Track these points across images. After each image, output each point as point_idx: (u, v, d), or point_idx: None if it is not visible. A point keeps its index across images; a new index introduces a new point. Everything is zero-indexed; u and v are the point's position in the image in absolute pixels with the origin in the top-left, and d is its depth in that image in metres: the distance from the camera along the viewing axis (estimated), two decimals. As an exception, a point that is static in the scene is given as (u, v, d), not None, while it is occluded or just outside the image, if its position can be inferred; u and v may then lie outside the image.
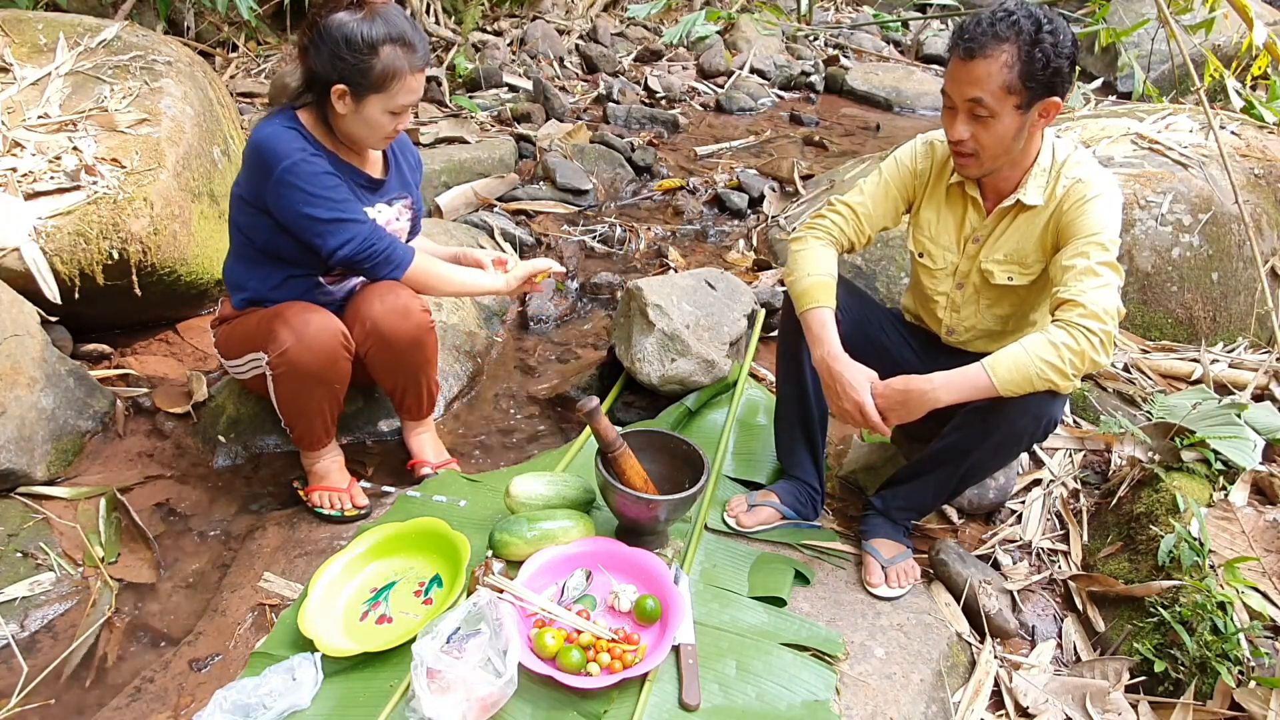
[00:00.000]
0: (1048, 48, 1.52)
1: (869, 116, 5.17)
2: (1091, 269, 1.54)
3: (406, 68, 1.71)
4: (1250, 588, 1.67)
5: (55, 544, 1.87)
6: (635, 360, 2.31)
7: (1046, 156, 1.69)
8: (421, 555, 1.79)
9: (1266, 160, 3.01)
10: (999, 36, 1.53)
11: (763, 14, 6.32)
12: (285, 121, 1.77)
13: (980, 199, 1.76)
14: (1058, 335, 1.51)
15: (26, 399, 2.00)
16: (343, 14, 1.68)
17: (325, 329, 1.82)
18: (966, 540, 2.02)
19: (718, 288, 2.51)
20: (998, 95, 1.55)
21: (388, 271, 1.86)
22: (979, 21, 1.55)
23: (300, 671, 1.52)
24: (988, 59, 1.53)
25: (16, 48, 2.60)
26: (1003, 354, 1.54)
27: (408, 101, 1.75)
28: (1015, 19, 1.53)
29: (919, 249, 1.89)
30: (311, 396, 1.89)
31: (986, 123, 1.59)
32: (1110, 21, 5.12)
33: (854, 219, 1.86)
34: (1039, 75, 1.54)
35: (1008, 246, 1.74)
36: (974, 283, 1.81)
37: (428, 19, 4.86)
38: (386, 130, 1.78)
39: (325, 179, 1.75)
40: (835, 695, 1.56)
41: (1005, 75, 1.53)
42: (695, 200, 3.81)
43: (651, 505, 1.72)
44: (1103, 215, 1.59)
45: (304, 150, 1.74)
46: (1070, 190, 1.64)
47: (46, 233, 2.19)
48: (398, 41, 1.69)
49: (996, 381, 1.53)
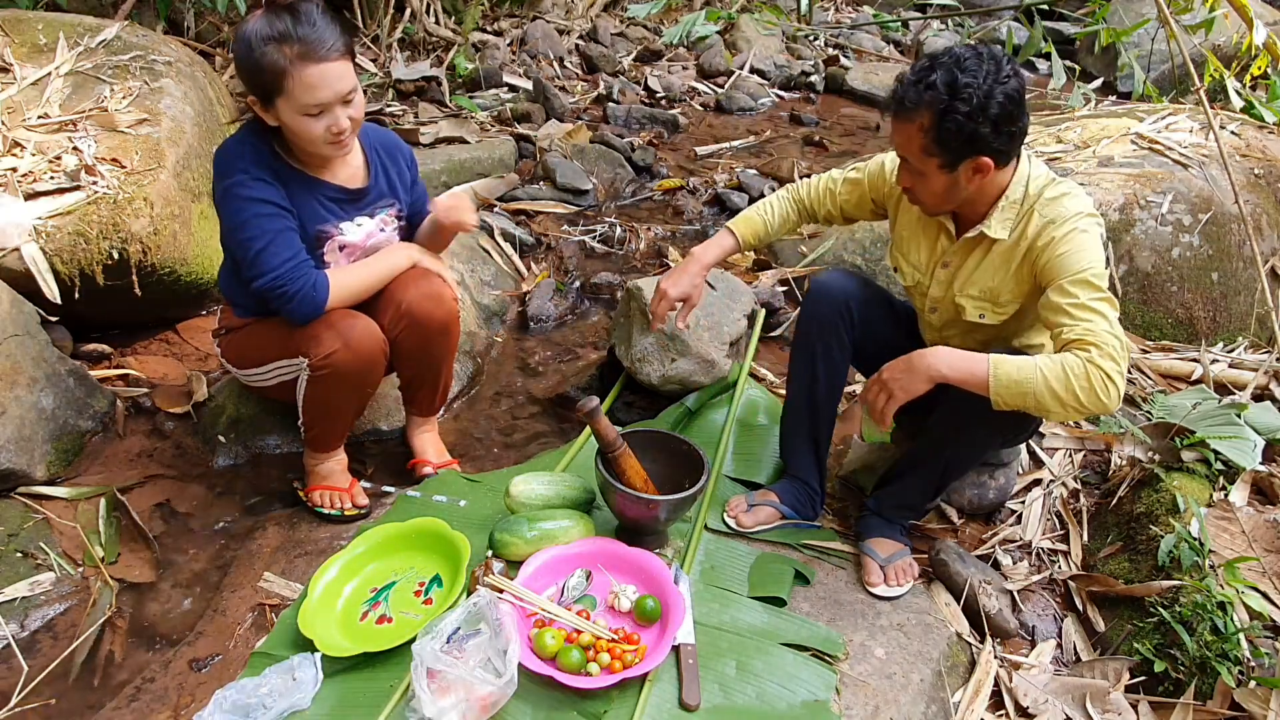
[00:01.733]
0: (958, 117, 1.46)
1: (869, 116, 5.17)
2: (1087, 305, 1.48)
3: (290, 62, 1.60)
4: (1250, 588, 1.67)
5: (55, 544, 1.87)
6: (635, 360, 2.31)
7: (1017, 189, 1.63)
8: (421, 555, 1.79)
9: (1266, 160, 3.01)
10: (912, 102, 1.50)
11: (763, 14, 6.31)
12: (249, 136, 1.75)
13: (952, 224, 1.73)
14: (1074, 365, 1.44)
15: (26, 399, 2.00)
16: (248, 17, 1.63)
17: (370, 333, 1.82)
18: (966, 540, 2.02)
19: (718, 288, 2.51)
20: (918, 156, 1.55)
21: (300, 317, 1.75)
22: (906, 80, 1.53)
23: (300, 671, 1.52)
24: (906, 122, 1.53)
25: (16, 48, 2.60)
26: (1012, 361, 1.49)
27: (313, 99, 1.63)
28: (932, 80, 1.48)
29: (893, 263, 1.90)
30: (344, 399, 1.90)
31: (919, 177, 1.59)
32: (1110, 21, 5.12)
33: (821, 188, 1.99)
34: (952, 141, 1.50)
35: (981, 283, 1.70)
36: (949, 311, 1.80)
37: (428, 19, 4.86)
38: (317, 133, 1.68)
39: (255, 206, 1.70)
40: (835, 695, 1.56)
41: (921, 139, 1.52)
42: (695, 200, 3.81)
43: (651, 505, 1.72)
44: (1084, 251, 1.53)
45: (246, 172, 1.70)
46: (1043, 230, 1.58)
47: (46, 233, 2.19)
48: (280, 39, 1.60)
49: (993, 382, 1.49)
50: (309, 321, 1.77)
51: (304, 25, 1.61)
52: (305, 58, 1.61)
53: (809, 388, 1.91)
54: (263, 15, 1.62)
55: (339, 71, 1.65)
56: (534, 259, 3.30)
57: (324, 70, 1.63)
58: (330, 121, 1.67)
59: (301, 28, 1.61)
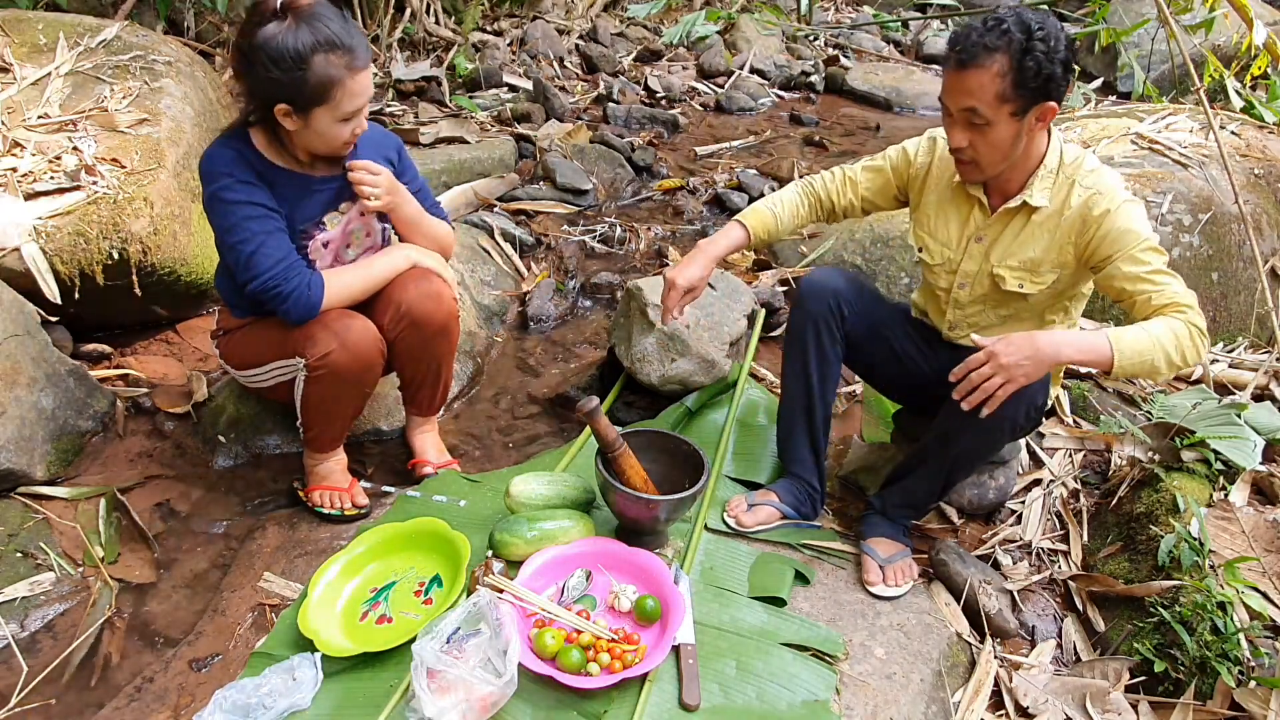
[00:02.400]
0: (1039, 55, 1.51)
1: (869, 116, 5.17)
2: (1162, 270, 1.58)
3: (344, 73, 1.60)
4: (1250, 588, 1.67)
5: (55, 544, 1.87)
6: (635, 360, 2.31)
7: (1054, 158, 1.69)
8: (421, 555, 1.79)
9: (1266, 160, 3.01)
10: (990, 46, 1.53)
11: (763, 14, 6.32)
12: (231, 141, 1.74)
13: (985, 198, 1.76)
14: (1179, 328, 1.52)
15: (26, 399, 2.00)
16: (269, 28, 1.57)
17: (366, 333, 1.82)
18: (966, 540, 2.02)
19: (718, 288, 2.51)
20: (992, 104, 1.55)
21: (296, 317, 1.75)
22: (970, 31, 1.56)
23: (300, 671, 1.52)
24: (980, 69, 1.54)
25: (16, 48, 2.60)
26: (1127, 334, 1.53)
27: (354, 106, 1.66)
28: (1006, 27, 1.53)
29: (918, 243, 1.90)
30: (342, 399, 1.90)
31: (983, 130, 1.59)
32: (1110, 21, 5.12)
33: (841, 179, 1.99)
34: (1031, 82, 1.54)
35: (1021, 254, 1.73)
36: (983, 285, 1.81)
37: (428, 19, 4.86)
38: (343, 138, 1.70)
39: (244, 209, 1.70)
40: (835, 695, 1.56)
41: (998, 84, 1.54)
42: (695, 200, 3.81)
43: (651, 505, 1.72)
44: (1139, 221, 1.61)
45: (231, 176, 1.69)
46: (1089, 202, 1.64)
47: (46, 233, 2.19)
48: (327, 48, 1.58)
49: (1118, 357, 1.51)
50: (305, 321, 1.77)
51: (345, 33, 1.61)
52: (352, 67, 1.62)
53: (803, 386, 1.92)
54: (294, 22, 1.58)
55: (370, 77, 1.68)
56: (534, 259, 3.30)
57: (365, 76, 1.66)
58: (356, 124, 1.70)
59: (345, 35, 1.61)
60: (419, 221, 1.96)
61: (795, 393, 1.94)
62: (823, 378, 1.90)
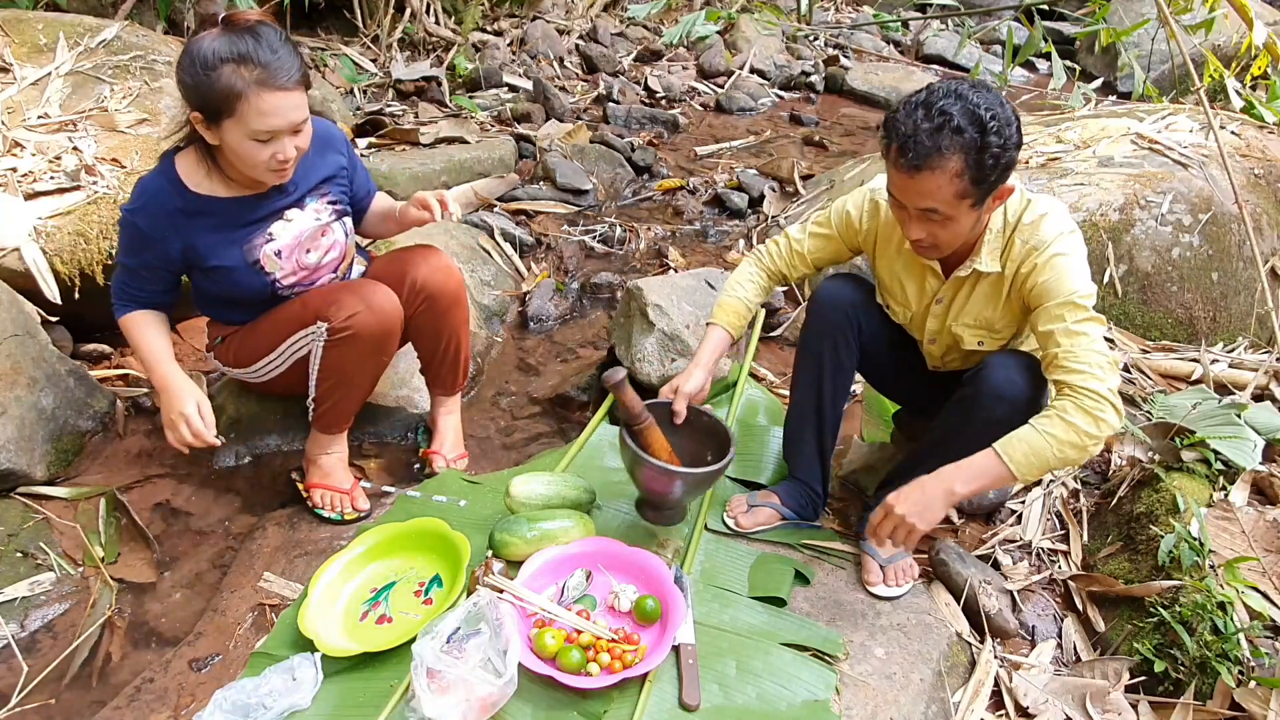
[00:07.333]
0: (995, 150, 1.42)
1: (869, 116, 5.17)
2: (1071, 330, 1.51)
3: (250, 87, 1.57)
4: (1250, 588, 1.67)
5: (55, 544, 1.87)
6: (635, 360, 2.31)
7: (998, 218, 1.62)
8: (421, 555, 1.79)
9: (1266, 160, 3.01)
10: (944, 149, 1.42)
11: (763, 14, 6.31)
12: (158, 171, 1.75)
13: (938, 264, 1.72)
14: (1068, 410, 1.47)
15: (26, 399, 2.00)
16: (201, 35, 1.59)
17: (390, 299, 1.86)
18: (966, 540, 2.02)
19: (718, 288, 2.51)
20: (950, 203, 1.47)
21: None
22: (919, 132, 1.43)
23: (300, 671, 1.52)
24: (935, 172, 1.44)
25: (16, 48, 2.60)
26: (1016, 440, 1.49)
27: (265, 125, 1.61)
28: (957, 124, 1.41)
29: (883, 301, 1.88)
30: (360, 367, 1.90)
31: (942, 223, 1.53)
32: (1110, 21, 5.12)
33: (789, 253, 1.93)
34: (990, 175, 1.45)
35: (975, 313, 1.71)
36: (948, 339, 1.79)
37: (428, 19, 4.86)
38: (261, 159, 1.65)
39: (132, 244, 1.77)
40: (835, 695, 1.56)
41: (956, 185, 1.45)
42: (695, 200, 3.81)
43: (680, 477, 1.72)
44: (1068, 273, 1.54)
45: (133, 211, 1.74)
46: (1026, 257, 1.58)
47: (46, 233, 2.19)
48: (239, 60, 1.56)
49: (1015, 469, 1.48)
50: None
51: (265, 50, 1.58)
52: (263, 83, 1.58)
53: (816, 395, 1.90)
54: (222, 33, 1.59)
55: (295, 101, 1.63)
56: (534, 259, 3.30)
57: (280, 99, 1.61)
58: (276, 149, 1.66)
59: (263, 52, 1.58)
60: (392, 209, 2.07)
61: (806, 401, 1.92)
62: (835, 388, 1.89)
